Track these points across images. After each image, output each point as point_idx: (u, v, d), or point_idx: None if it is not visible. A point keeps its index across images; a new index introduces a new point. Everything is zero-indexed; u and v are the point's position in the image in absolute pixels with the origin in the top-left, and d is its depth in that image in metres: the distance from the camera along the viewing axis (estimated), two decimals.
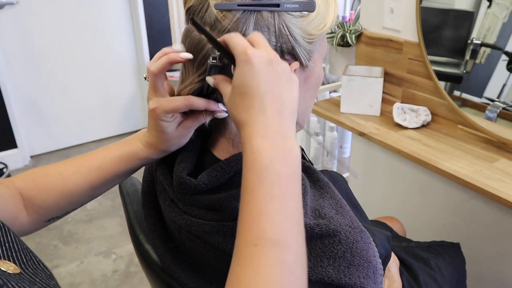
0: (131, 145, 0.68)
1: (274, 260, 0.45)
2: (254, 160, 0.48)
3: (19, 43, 2.74)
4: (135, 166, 0.68)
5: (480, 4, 1.35)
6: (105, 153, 0.68)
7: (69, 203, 0.68)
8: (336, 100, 1.64)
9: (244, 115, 0.50)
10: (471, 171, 1.19)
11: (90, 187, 0.67)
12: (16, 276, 0.44)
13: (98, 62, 3.04)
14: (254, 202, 0.47)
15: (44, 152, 3.07)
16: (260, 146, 0.48)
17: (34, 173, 0.68)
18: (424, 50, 1.41)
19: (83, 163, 0.68)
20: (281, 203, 0.47)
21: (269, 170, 0.48)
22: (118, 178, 0.69)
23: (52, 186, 0.66)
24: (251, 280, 0.44)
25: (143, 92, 3.30)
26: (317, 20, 0.59)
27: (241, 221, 0.48)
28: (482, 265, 1.34)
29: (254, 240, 0.46)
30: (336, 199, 0.63)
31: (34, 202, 0.66)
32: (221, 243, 0.59)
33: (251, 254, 0.45)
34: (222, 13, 0.55)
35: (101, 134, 3.23)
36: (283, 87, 0.51)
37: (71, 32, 2.88)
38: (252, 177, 0.48)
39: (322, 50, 0.64)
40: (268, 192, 0.47)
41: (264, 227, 0.46)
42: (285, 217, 0.47)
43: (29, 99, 2.89)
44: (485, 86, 1.38)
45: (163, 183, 0.67)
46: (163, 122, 0.62)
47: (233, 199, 0.59)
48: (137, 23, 3.06)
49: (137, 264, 2.07)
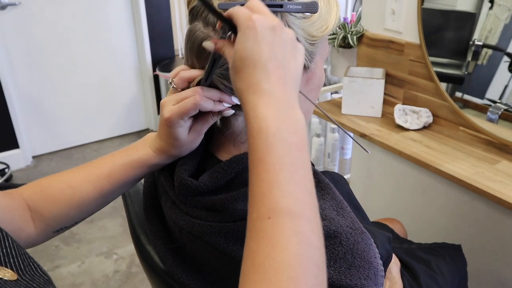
0: (141, 151, 0.66)
1: (290, 232, 0.42)
2: (260, 129, 0.46)
3: (21, 43, 2.74)
4: (145, 173, 0.68)
5: (481, 5, 1.34)
6: (114, 160, 0.67)
7: (78, 213, 0.67)
8: (337, 101, 1.64)
9: (246, 82, 0.48)
10: (473, 173, 1.19)
11: (100, 196, 0.66)
12: (12, 283, 0.43)
13: (100, 63, 3.05)
14: (264, 173, 0.45)
15: (46, 153, 3.07)
16: (266, 114, 0.46)
17: (41, 184, 0.66)
18: (426, 51, 1.41)
19: (91, 171, 0.66)
20: (292, 172, 0.45)
21: (277, 138, 0.45)
22: (127, 185, 0.68)
23: (60, 196, 0.65)
24: (267, 255, 0.41)
25: (144, 93, 3.30)
26: (319, 22, 0.59)
27: (252, 195, 0.45)
28: (483, 267, 1.34)
29: (267, 212, 0.43)
30: (337, 200, 0.63)
31: (42, 213, 0.65)
32: (222, 244, 0.59)
33: (265, 228, 0.43)
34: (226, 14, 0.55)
35: (103, 134, 3.24)
36: (287, 54, 0.49)
37: (73, 32, 2.88)
38: (260, 147, 0.45)
39: (323, 52, 0.64)
40: (277, 161, 0.45)
41: (277, 198, 0.43)
42: (297, 186, 0.45)
43: (31, 99, 2.89)
44: (487, 88, 1.38)
45: (164, 184, 0.67)
46: (177, 129, 0.61)
47: (234, 200, 0.58)
48: (139, 24, 3.07)
49: (138, 264, 2.07)
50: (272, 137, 0.45)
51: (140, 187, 0.89)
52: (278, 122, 0.46)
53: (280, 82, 0.48)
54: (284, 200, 0.43)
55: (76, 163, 2.96)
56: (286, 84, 0.48)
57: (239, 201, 0.59)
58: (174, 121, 0.60)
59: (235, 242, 0.58)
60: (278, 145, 0.45)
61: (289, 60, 0.49)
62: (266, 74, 0.47)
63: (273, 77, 0.47)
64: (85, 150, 3.13)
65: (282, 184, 0.44)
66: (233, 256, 0.58)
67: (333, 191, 0.65)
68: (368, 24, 1.61)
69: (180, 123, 0.60)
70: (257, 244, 0.43)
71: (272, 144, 0.45)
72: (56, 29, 2.82)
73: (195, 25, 0.59)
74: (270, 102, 0.47)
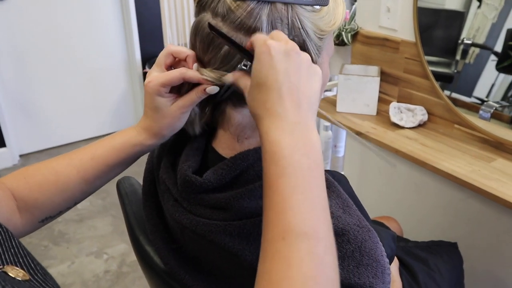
0: (125, 133, 0.66)
1: (304, 252, 0.43)
2: (273, 153, 0.47)
3: (7, 40, 2.69)
4: (129, 155, 0.66)
5: (470, 4, 1.36)
6: (98, 145, 0.66)
7: (63, 200, 0.66)
8: (332, 99, 1.64)
9: (261, 108, 0.49)
10: (469, 170, 1.19)
11: (83, 180, 0.65)
12: (26, 284, 0.42)
13: (88, 60, 3.01)
14: (277, 195, 0.46)
15: (34, 151, 3.02)
16: (278, 138, 0.47)
17: (25, 172, 0.66)
18: (421, 49, 1.41)
19: (75, 156, 0.66)
20: (305, 194, 0.46)
21: (289, 161, 0.47)
22: (112, 169, 0.67)
23: (44, 182, 0.64)
24: (283, 275, 0.43)
25: (134, 90, 3.27)
26: (328, 17, 0.59)
27: (266, 217, 0.47)
28: (479, 264, 1.35)
29: (281, 233, 0.44)
30: (342, 198, 0.63)
31: (27, 202, 0.64)
32: (228, 243, 0.58)
33: (280, 248, 0.44)
34: (236, 3, 0.54)
35: (91, 132, 3.19)
36: (302, 77, 0.50)
37: (61, 29, 2.84)
38: (272, 170, 0.47)
39: (329, 48, 0.64)
40: (290, 183, 0.46)
41: (290, 219, 0.45)
42: (311, 208, 0.46)
43: (18, 97, 2.84)
44: (474, 86, 1.39)
45: (166, 182, 0.65)
46: (158, 97, 0.61)
47: (240, 197, 0.57)
48: (128, 21, 3.03)
49: (129, 264, 2.05)
50: (284, 160, 0.47)
51: (137, 187, 0.87)
52: (291, 146, 0.47)
53: (293, 106, 0.49)
54: (296, 222, 0.45)
55: None
56: (300, 107, 0.49)
57: (245, 199, 0.58)
58: (154, 87, 0.60)
59: (241, 241, 0.57)
60: (290, 168, 0.46)
61: (305, 83, 0.51)
62: (280, 98, 0.49)
63: (287, 100, 0.49)
64: (73, 149, 3.05)
65: (296, 206, 0.45)
66: (239, 255, 0.57)
67: (338, 189, 0.64)
68: (363, 22, 1.60)
69: (161, 91, 0.60)
70: (272, 264, 0.44)
71: (284, 167, 0.46)
72: (43, 25, 2.77)
73: (203, 16, 0.58)
74: (284, 126, 0.48)
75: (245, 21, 0.54)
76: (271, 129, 0.48)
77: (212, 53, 0.58)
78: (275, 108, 0.48)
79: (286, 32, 0.56)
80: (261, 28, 0.55)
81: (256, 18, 0.54)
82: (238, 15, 0.54)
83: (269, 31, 0.55)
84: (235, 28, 0.55)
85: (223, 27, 0.55)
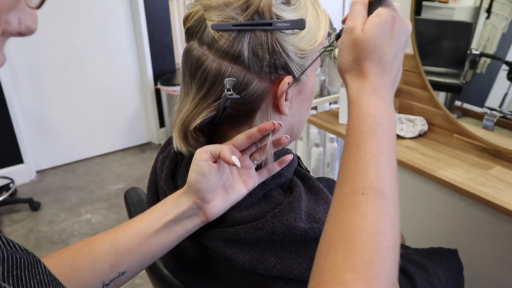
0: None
1: (379, 209, 0.47)
2: (368, 115, 0.52)
3: (25, 60, 2.79)
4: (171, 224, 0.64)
5: (478, 15, 1.38)
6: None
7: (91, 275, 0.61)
8: (335, 112, 1.68)
9: (363, 67, 0.53)
10: (467, 178, 1.22)
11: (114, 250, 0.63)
12: None
13: (102, 78, 3.10)
14: (364, 153, 0.50)
15: (50, 167, 3.11)
16: (376, 103, 0.52)
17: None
18: (419, 61, 1.44)
19: None
20: (388, 159, 0.50)
21: (381, 127, 0.51)
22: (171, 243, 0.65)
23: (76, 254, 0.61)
24: (356, 226, 0.46)
25: (146, 107, 3.35)
26: (309, 37, 0.62)
27: (348, 170, 0.50)
28: (479, 271, 1.36)
29: (361, 189, 0.48)
30: (330, 205, 0.66)
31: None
32: (221, 248, 0.62)
33: (357, 202, 0.47)
34: (219, 33, 0.58)
35: (105, 148, 3.28)
36: (401, 52, 0.55)
37: (76, 48, 2.94)
38: (364, 129, 0.51)
39: (314, 64, 0.67)
40: (378, 146, 0.50)
41: (373, 177, 0.48)
42: (390, 172, 0.50)
43: (35, 114, 2.94)
44: (486, 96, 1.40)
45: (167, 192, 0.70)
46: (202, 162, 0.60)
47: (231, 209, 0.63)
48: (140, 40, 3.13)
49: (142, 276, 2.09)
50: (377, 125, 0.51)
51: (143, 197, 0.92)
52: (384, 114, 0.52)
53: (391, 80, 0.54)
54: (379, 181, 0.48)
55: (79, 177, 2.99)
56: (395, 83, 0.55)
57: (236, 209, 0.63)
58: (200, 150, 0.61)
59: (233, 245, 0.61)
60: (381, 132, 0.51)
61: (397, 65, 0.55)
62: (387, 68, 0.53)
63: (389, 73, 0.54)
64: (89, 164, 3.16)
65: (379, 167, 0.49)
66: (231, 259, 0.61)
67: (326, 195, 0.68)
68: None
69: (203, 156, 0.60)
70: (347, 215, 0.47)
71: (376, 130, 0.51)
72: (59, 44, 2.87)
73: (191, 44, 0.62)
74: (382, 95, 0.53)
75: (228, 50, 0.58)
76: (372, 93, 0.53)
77: (201, 78, 0.61)
78: (380, 74, 0.53)
79: (267, 56, 0.59)
80: (243, 55, 0.58)
81: (239, 46, 0.58)
82: (222, 44, 0.58)
83: (251, 57, 0.58)
84: (220, 56, 0.59)
85: (209, 55, 0.59)
